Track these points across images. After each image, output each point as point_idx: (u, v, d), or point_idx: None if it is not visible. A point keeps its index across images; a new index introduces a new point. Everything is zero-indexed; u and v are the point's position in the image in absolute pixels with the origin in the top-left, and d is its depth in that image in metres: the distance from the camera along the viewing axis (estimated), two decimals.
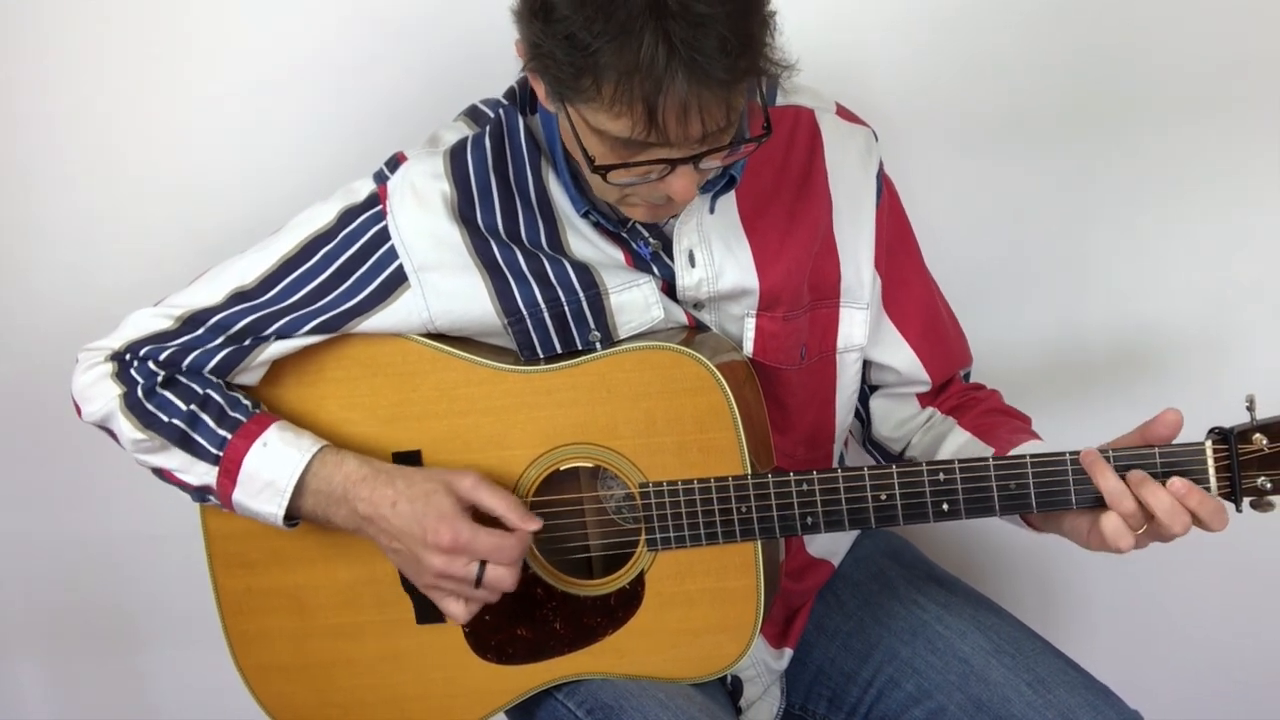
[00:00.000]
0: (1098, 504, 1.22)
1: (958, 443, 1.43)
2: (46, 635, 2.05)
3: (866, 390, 1.52)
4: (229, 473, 1.32)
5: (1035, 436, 1.40)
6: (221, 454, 1.32)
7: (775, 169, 1.37)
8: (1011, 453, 1.31)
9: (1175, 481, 1.19)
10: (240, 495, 1.33)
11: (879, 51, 1.76)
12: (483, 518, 1.30)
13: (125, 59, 1.76)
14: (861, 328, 1.43)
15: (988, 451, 1.37)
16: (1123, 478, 1.20)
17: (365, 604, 1.40)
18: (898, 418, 1.51)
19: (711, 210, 1.33)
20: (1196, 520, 1.19)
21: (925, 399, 1.51)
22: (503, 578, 1.28)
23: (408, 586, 1.38)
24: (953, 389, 1.52)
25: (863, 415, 1.54)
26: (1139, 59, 1.74)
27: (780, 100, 1.39)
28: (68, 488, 1.95)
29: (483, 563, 1.27)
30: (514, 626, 1.37)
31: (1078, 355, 1.86)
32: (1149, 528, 1.21)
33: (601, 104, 1.11)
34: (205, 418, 1.33)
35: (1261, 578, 1.91)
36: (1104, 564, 1.23)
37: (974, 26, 1.74)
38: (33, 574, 2.01)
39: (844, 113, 1.44)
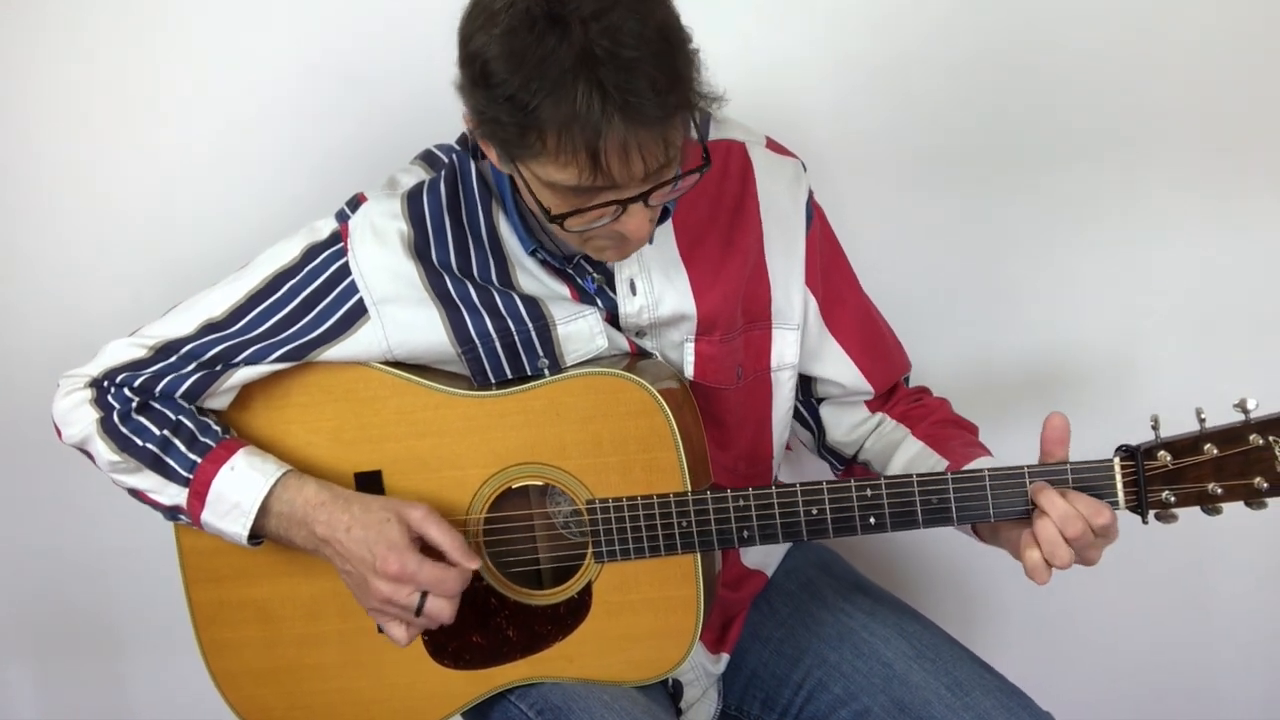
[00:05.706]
0: (1024, 515, 1.26)
1: (910, 452, 1.47)
2: (34, 641, 2.08)
3: (814, 403, 1.56)
4: (198, 494, 1.36)
5: (985, 450, 1.43)
6: (192, 476, 1.36)
7: (710, 200, 1.41)
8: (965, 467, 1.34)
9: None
10: (209, 515, 1.37)
11: (812, 92, 1.80)
12: (429, 548, 1.33)
13: (108, 103, 1.81)
14: (793, 347, 1.47)
15: (942, 463, 1.41)
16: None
17: (329, 614, 1.44)
18: (848, 423, 1.55)
19: (650, 241, 1.37)
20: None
21: (873, 405, 1.55)
22: (442, 609, 1.31)
23: None
24: (899, 394, 1.56)
25: (813, 425, 1.58)
26: (1053, 101, 1.79)
27: (713, 134, 1.42)
28: (54, 503, 1.98)
29: (424, 594, 1.31)
30: (469, 634, 1.41)
31: (996, 378, 1.89)
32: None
33: (548, 157, 1.14)
34: (177, 442, 1.37)
35: (1162, 588, 1.96)
36: (1019, 577, 1.28)
37: (901, 70, 1.79)
38: (22, 583, 2.04)
39: (774, 145, 1.48)
